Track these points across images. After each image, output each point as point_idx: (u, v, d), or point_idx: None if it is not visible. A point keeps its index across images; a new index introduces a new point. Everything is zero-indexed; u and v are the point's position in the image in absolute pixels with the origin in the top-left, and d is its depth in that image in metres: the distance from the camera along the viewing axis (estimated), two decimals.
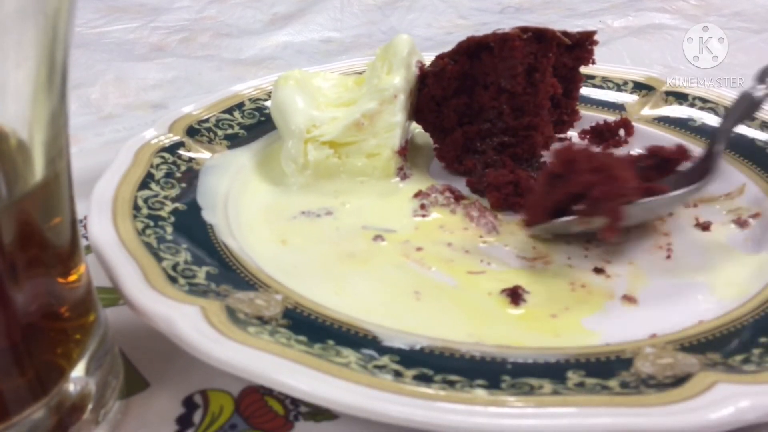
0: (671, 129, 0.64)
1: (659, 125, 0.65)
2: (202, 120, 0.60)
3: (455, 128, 0.61)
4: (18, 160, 0.32)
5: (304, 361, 0.35)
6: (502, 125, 0.59)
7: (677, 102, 0.67)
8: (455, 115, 0.60)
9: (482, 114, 0.60)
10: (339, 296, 0.44)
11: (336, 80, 0.62)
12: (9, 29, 0.29)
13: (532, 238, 0.52)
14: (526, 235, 0.52)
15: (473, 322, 0.43)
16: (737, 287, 0.46)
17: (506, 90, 0.58)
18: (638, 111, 0.67)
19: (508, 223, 0.54)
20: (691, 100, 0.66)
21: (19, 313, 0.32)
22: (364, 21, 1.08)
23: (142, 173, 0.51)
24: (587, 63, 0.64)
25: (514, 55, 0.56)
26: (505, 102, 0.58)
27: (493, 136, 0.60)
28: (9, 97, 0.30)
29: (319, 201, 0.56)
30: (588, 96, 0.69)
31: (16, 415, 0.33)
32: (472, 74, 0.59)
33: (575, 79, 0.65)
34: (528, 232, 0.52)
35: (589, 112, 0.68)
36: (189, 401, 0.40)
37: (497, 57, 0.57)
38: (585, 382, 0.36)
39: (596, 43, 0.64)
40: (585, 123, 0.67)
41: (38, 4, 0.30)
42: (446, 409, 0.33)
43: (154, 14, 1.10)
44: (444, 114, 0.60)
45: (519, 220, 0.54)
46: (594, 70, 0.70)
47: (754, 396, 0.33)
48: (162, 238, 0.45)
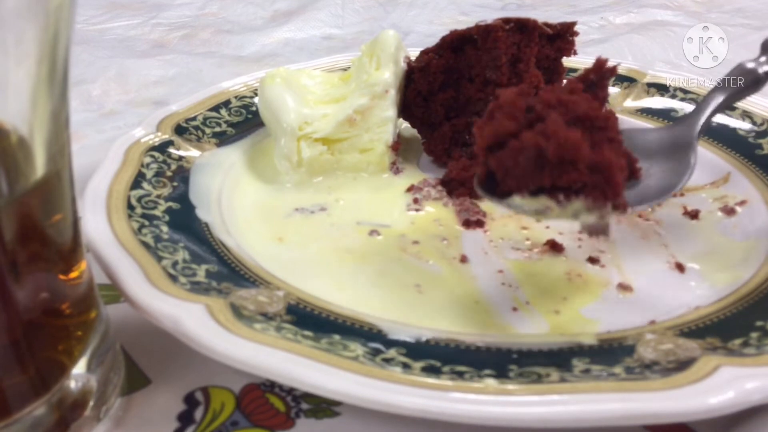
0: (654, 120, 0.65)
1: (642, 116, 0.66)
2: (189, 118, 0.60)
3: (443, 122, 0.61)
4: (19, 156, 0.31)
5: (314, 355, 0.35)
6: None
7: (659, 93, 0.68)
8: (442, 109, 0.61)
9: (469, 106, 0.60)
10: (340, 291, 0.44)
11: (321, 77, 0.62)
12: (10, 26, 0.28)
13: (525, 230, 0.52)
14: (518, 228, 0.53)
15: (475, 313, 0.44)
16: (729, 273, 0.47)
17: (491, 81, 0.58)
18: (621, 103, 0.68)
19: (501, 216, 0.54)
20: (672, 91, 0.67)
21: (20, 310, 0.32)
22: (366, 18, 1.09)
23: (134, 172, 0.51)
24: (569, 54, 0.65)
25: (498, 46, 0.57)
26: (491, 93, 0.58)
27: None
28: (10, 94, 0.30)
29: (313, 197, 0.56)
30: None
31: (17, 412, 0.33)
32: (457, 67, 0.60)
33: (558, 70, 0.65)
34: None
35: None
36: (190, 398, 0.39)
37: (481, 49, 0.58)
38: (591, 369, 0.36)
39: (577, 34, 0.64)
40: None
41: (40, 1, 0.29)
42: (459, 399, 0.33)
43: (156, 11, 1.10)
44: (431, 109, 0.61)
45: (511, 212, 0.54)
46: (576, 63, 0.70)
47: (758, 378, 0.34)
48: (159, 237, 0.45)
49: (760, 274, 0.45)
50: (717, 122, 0.62)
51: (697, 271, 0.48)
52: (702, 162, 0.59)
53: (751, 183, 0.56)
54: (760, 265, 0.47)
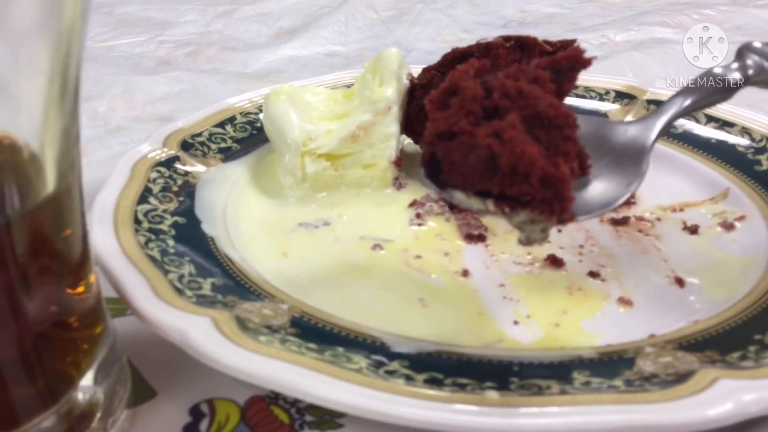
0: None
1: None
2: (195, 134, 0.61)
3: None
4: (31, 172, 0.32)
5: (318, 367, 0.36)
6: None
7: None
8: None
9: None
10: (344, 305, 0.45)
11: (325, 94, 0.63)
12: (23, 43, 0.29)
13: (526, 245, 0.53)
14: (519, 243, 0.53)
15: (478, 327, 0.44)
16: (728, 287, 0.47)
17: None
18: (621, 119, 0.69)
19: (504, 232, 0.55)
20: None
21: (30, 322, 0.33)
22: (369, 35, 1.10)
23: (140, 187, 0.51)
24: None
25: (498, 63, 0.57)
26: None
27: None
28: (22, 110, 0.31)
29: (316, 212, 0.56)
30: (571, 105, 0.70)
31: (26, 423, 0.33)
32: None
33: None
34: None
35: None
36: (196, 410, 0.40)
37: None
38: (591, 382, 0.37)
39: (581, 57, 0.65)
40: None
41: (52, 19, 0.30)
42: (461, 410, 0.34)
43: (161, 28, 1.11)
44: None
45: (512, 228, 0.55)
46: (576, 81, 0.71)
47: (756, 390, 0.35)
48: (165, 251, 0.45)
49: (758, 289, 0.46)
50: (715, 138, 0.63)
51: (697, 285, 0.48)
52: (701, 177, 0.60)
53: (749, 199, 0.56)
54: (758, 279, 0.47)
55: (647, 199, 0.59)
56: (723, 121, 0.64)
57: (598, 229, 0.55)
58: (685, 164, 0.62)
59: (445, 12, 1.18)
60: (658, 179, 0.61)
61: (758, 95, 0.69)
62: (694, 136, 0.64)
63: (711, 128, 0.64)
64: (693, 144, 0.63)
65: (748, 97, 0.56)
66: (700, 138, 0.64)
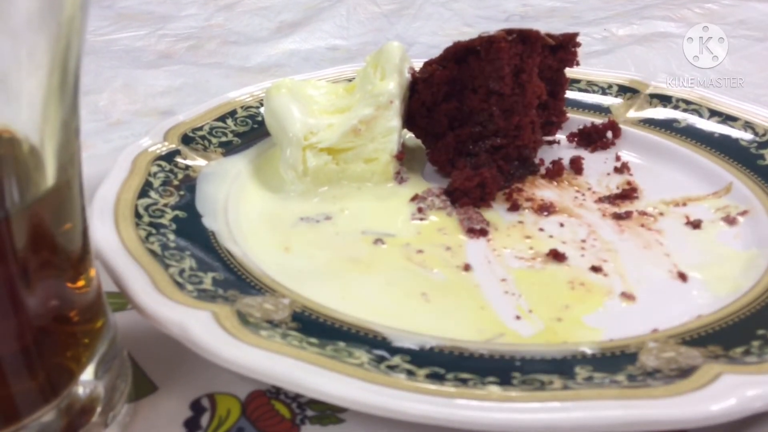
0: (657, 131, 0.65)
1: (645, 127, 0.66)
2: (196, 128, 0.61)
3: (447, 132, 0.61)
4: (30, 165, 0.32)
5: (319, 362, 0.36)
6: (492, 127, 0.60)
7: (661, 104, 0.68)
8: (446, 119, 0.61)
9: (472, 117, 0.61)
10: (345, 300, 0.45)
11: (326, 88, 0.62)
12: (23, 37, 0.29)
13: (528, 239, 0.53)
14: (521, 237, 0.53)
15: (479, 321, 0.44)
16: (731, 282, 0.47)
17: (495, 92, 0.59)
18: (624, 113, 0.69)
19: (506, 226, 0.54)
20: (674, 102, 0.68)
21: (31, 317, 0.33)
22: (370, 29, 1.10)
23: (141, 181, 0.51)
24: (571, 65, 0.65)
25: (501, 57, 0.57)
26: (494, 104, 0.59)
27: (485, 138, 0.61)
28: (22, 104, 0.30)
29: (318, 207, 0.56)
30: (574, 99, 0.70)
31: (26, 417, 0.33)
32: (460, 78, 0.60)
33: (561, 81, 0.66)
34: None
35: (576, 115, 0.69)
36: (196, 404, 0.40)
37: (484, 60, 0.58)
38: (593, 377, 0.36)
39: (579, 45, 0.65)
40: (572, 126, 0.68)
41: (52, 13, 0.30)
42: (463, 405, 0.33)
43: (162, 22, 1.11)
44: (435, 119, 0.61)
45: (515, 222, 0.55)
46: (579, 74, 0.71)
47: (759, 386, 0.34)
48: (165, 246, 0.45)
49: (761, 284, 0.46)
50: (719, 132, 0.63)
51: (699, 280, 0.48)
52: (704, 172, 0.60)
53: (752, 193, 0.56)
54: (761, 274, 0.47)
55: (650, 193, 0.59)
56: (726, 116, 0.64)
57: (601, 223, 0.55)
58: (688, 159, 0.62)
59: (446, 6, 1.18)
60: (661, 174, 0.62)
61: (759, 90, 0.69)
62: (697, 130, 0.64)
63: (714, 122, 0.64)
64: (696, 138, 0.63)
65: (750, 92, 0.56)
66: (704, 132, 0.63)
